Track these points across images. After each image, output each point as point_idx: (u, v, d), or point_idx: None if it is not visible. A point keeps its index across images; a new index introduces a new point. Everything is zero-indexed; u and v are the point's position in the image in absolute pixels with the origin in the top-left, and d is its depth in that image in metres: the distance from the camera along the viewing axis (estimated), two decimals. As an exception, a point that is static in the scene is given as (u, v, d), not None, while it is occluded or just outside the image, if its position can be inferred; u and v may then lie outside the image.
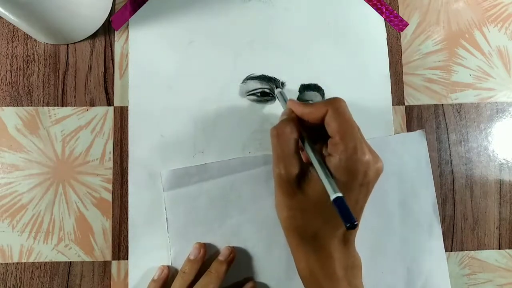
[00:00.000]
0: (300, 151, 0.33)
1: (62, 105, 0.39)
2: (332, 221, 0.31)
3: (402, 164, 0.40)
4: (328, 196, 0.28)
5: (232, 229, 0.38)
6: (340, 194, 0.28)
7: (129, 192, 0.38)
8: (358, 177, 0.30)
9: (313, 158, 0.31)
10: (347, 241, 0.32)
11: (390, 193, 0.39)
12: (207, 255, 0.37)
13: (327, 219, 0.31)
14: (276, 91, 0.39)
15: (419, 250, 0.39)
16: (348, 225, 0.27)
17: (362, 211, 0.32)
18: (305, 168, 0.32)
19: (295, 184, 0.31)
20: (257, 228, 0.38)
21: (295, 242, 0.32)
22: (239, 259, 0.38)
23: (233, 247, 0.37)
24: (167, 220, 0.37)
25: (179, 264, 0.37)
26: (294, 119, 0.33)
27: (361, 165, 0.30)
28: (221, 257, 0.36)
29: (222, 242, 0.38)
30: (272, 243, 0.38)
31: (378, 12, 0.42)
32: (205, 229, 0.38)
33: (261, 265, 0.38)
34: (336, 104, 0.31)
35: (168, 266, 0.37)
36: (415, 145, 0.40)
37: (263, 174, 0.38)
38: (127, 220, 0.38)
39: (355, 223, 0.27)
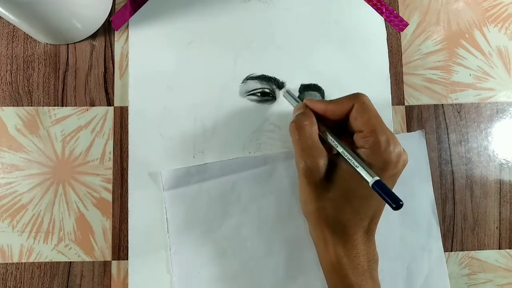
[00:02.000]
0: None
1: (62, 105, 0.39)
2: (359, 211, 0.31)
3: None
4: (357, 185, 0.29)
5: (232, 229, 0.38)
6: (378, 178, 0.28)
7: (129, 192, 0.38)
8: (389, 168, 0.30)
9: (342, 147, 0.31)
10: (370, 234, 0.32)
11: None
12: (206, 257, 0.37)
13: (355, 209, 0.31)
14: (282, 91, 0.40)
15: (418, 250, 0.39)
16: (395, 205, 0.26)
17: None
18: (330, 158, 0.32)
19: (323, 174, 0.31)
20: (257, 228, 0.38)
21: (323, 233, 0.32)
22: (238, 259, 0.38)
23: None
24: (167, 220, 0.37)
25: (179, 264, 0.37)
26: (310, 113, 0.33)
27: (394, 156, 0.30)
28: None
29: (222, 242, 0.38)
30: (272, 243, 0.38)
31: (378, 12, 0.42)
32: (205, 229, 0.38)
33: (261, 265, 0.38)
34: (361, 98, 0.32)
35: None
36: (415, 145, 0.40)
37: (263, 174, 0.38)
38: (127, 220, 0.38)
39: (401, 202, 0.26)
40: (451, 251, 0.40)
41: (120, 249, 0.38)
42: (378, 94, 0.41)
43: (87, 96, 0.40)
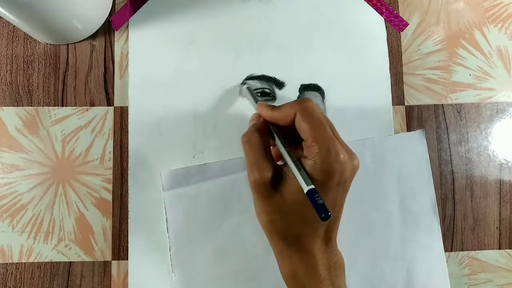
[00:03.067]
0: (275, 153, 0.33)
1: (62, 105, 0.39)
2: (312, 221, 0.31)
3: (402, 164, 0.40)
4: (305, 195, 0.28)
5: (231, 229, 0.38)
6: (312, 186, 0.28)
7: (129, 192, 0.38)
8: (334, 177, 0.30)
9: (285, 154, 0.31)
10: (329, 241, 0.32)
11: (390, 193, 0.39)
12: (206, 257, 0.37)
13: (307, 219, 0.31)
14: (244, 87, 0.39)
15: (418, 250, 0.39)
16: (322, 215, 0.27)
17: (341, 209, 0.32)
18: (280, 170, 0.32)
19: (271, 187, 0.31)
20: (257, 228, 0.38)
21: (278, 245, 0.32)
22: (238, 259, 0.38)
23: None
24: (166, 220, 0.37)
25: (179, 264, 0.37)
26: (262, 124, 0.33)
27: (337, 165, 0.30)
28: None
29: (222, 242, 0.38)
30: None
31: (378, 12, 0.42)
32: (205, 229, 0.38)
33: (260, 265, 0.38)
34: (303, 105, 0.31)
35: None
36: (415, 144, 0.40)
37: None
38: (127, 220, 0.38)
39: (329, 213, 0.27)
40: (451, 251, 0.40)
41: (120, 249, 0.38)
42: (378, 94, 0.41)
43: (87, 96, 0.40)
